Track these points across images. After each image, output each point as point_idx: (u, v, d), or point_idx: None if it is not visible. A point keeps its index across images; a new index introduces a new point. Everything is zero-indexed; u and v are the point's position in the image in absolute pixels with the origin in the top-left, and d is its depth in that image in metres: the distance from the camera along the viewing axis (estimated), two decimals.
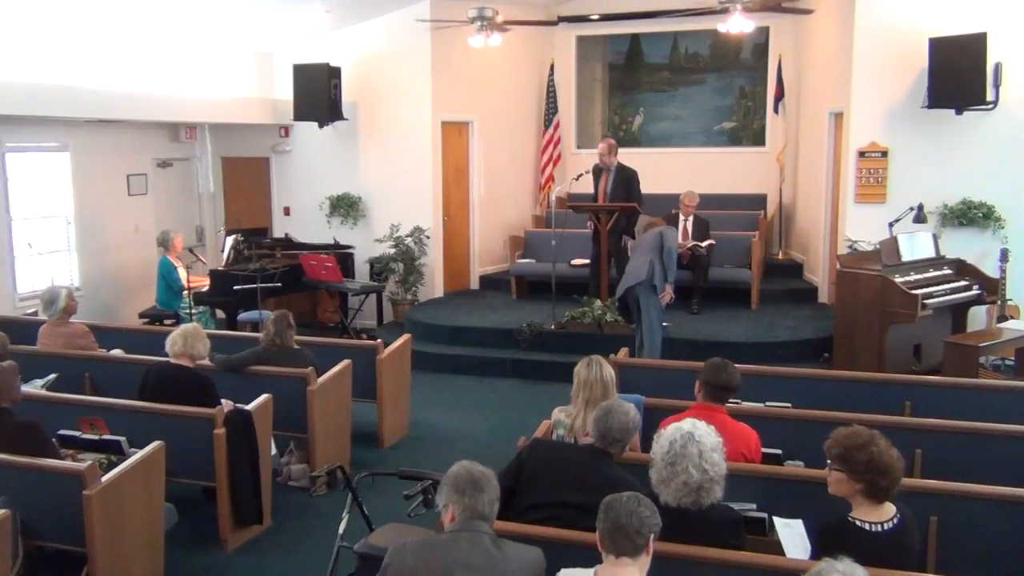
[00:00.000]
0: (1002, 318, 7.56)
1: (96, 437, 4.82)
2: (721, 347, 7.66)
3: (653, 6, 10.25)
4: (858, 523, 3.05)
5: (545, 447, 3.76)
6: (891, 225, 7.82)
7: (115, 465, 4.32)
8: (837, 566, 2.41)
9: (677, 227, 9.31)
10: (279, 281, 8.76)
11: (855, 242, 8.32)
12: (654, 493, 3.19)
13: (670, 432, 3.25)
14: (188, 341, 5.23)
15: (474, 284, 10.91)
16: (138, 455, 4.35)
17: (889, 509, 3.07)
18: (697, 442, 3.12)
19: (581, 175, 9.36)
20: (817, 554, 3.01)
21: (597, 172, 8.91)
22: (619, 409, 3.51)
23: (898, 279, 7.06)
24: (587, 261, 9.46)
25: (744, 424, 4.11)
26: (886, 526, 3.03)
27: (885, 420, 4.47)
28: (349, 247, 10.06)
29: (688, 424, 3.27)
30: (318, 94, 9.67)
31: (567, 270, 9.53)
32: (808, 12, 9.24)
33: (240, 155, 10.88)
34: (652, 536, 2.68)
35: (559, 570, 2.86)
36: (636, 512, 2.66)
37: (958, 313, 7.60)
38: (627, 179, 8.76)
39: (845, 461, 3.09)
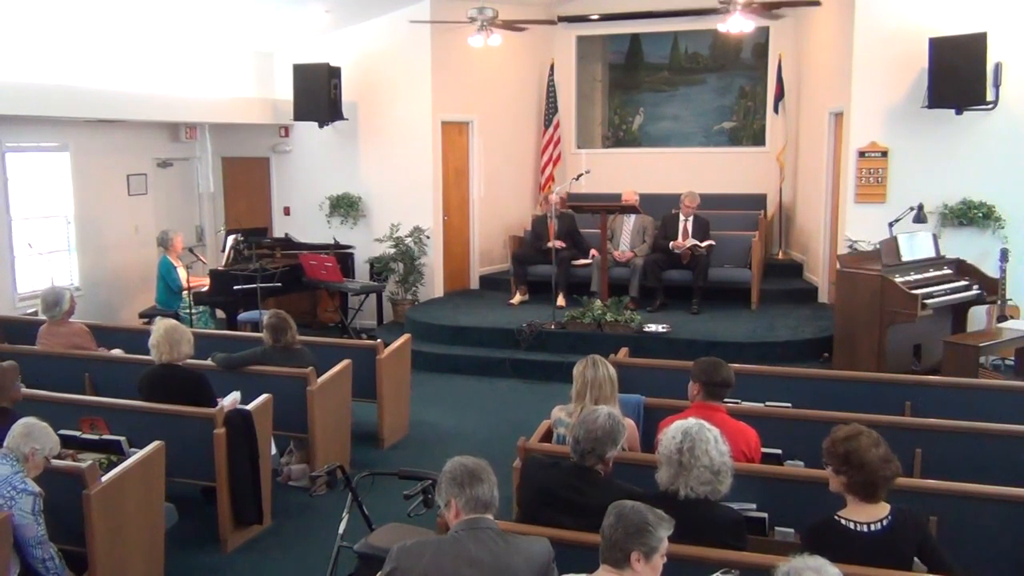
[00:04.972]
0: (1002, 318, 7.56)
1: (96, 437, 4.83)
2: (721, 347, 7.67)
3: (653, 6, 10.24)
4: (843, 522, 3.06)
5: (535, 474, 3.63)
6: (891, 225, 7.82)
7: (115, 465, 4.32)
8: (809, 563, 2.40)
9: (677, 227, 9.34)
10: (279, 281, 8.76)
11: (855, 242, 8.32)
12: (665, 492, 3.20)
13: (678, 425, 3.30)
14: (173, 347, 5.20)
15: (474, 284, 10.91)
16: (138, 455, 4.35)
17: (881, 510, 3.07)
18: (709, 429, 3.27)
19: (581, 175, 9.40)
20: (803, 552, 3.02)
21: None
22: (588, 418, 3.43)
23: (898, 279, 7.05)
24: (588, 261, 9.48)
25: (743, 423, 4.12)
26: (873, 527, 3.03)
27: (885, 420, 4.48)
28: (349, 247, 10.06)
29: (693, 420, 3.35)
30: (318, 94, 9.66)
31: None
32: (779, 17, 9.19)
33: (240, 155, 10.87)
34: (645, 551, 2.63)
35: (561, 573, 2.86)
36: (620, 526, 2.65)
37: (958, 313, 7.60)
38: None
39: (829, 455, 3.16)
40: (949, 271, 7.55)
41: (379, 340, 6.91)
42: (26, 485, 3.71)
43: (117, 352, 6.50)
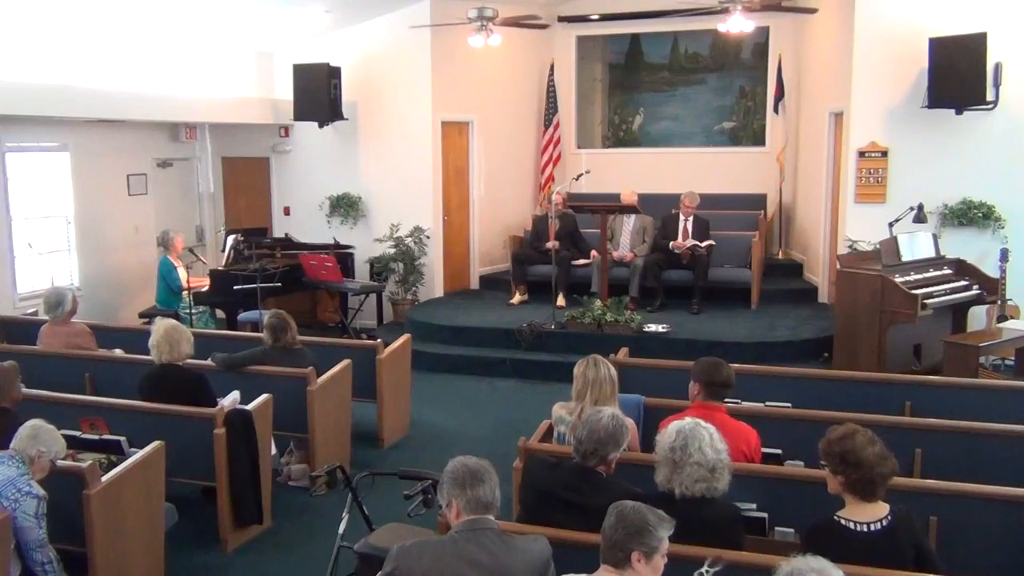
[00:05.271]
0: (1002, 318, 7.56)
1: (96, 437, 4.83)
2: (721, 347, 7.67)
3: (653, 6, 10.25)
4: (843, 522, 3.06)
5: (537, 474, 3.66)
6: (891, 225, 7.82)
7: (115, 465, 4.33)
8: (812, 564, 2.40)
9: (677, 227, 9.34)
10: (279, 281, 8.76)
11: (855, 242, 8.32)
12: (664, 493, 3.20)
13: (674, 425, 3.32)
14: (173, 347, 5.21)
15: (474, 284, 10.91)
16: (138, 455, 4.36)
17: (880, 509, 3.07)
18: (704, 427, 3.28)
19: (581, 175, 9.40)
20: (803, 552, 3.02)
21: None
22: (591, 419, 3.46)
23: (898, 279, 7.05)
24: (588, 261, 9.48)
25: (744, 423, 4.12)
26: (874, 527, 3.03)
27: (885, 420, 4.49)
28: (349, 247, 10.06)
29: (689, 419, 3.37)
30: (318, 94, 9.67)
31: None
32: (812, 11, 9.14)
33: (240, 155, 10.87)
34: (646, 552, 2.63)
35: (561, 573, 2.86)
36: (621, 526, 2.65)
37: (958, 313, 7.60)
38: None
39: (826, 455, 3.16)
40: (949, 271, 7.55)
41: (379, 340, 6.91)
42: (31, 488, 3.70)
43: (117, 352, 6.50)
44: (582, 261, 9.55)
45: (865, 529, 3.02)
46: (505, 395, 7.89)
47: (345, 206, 10.36)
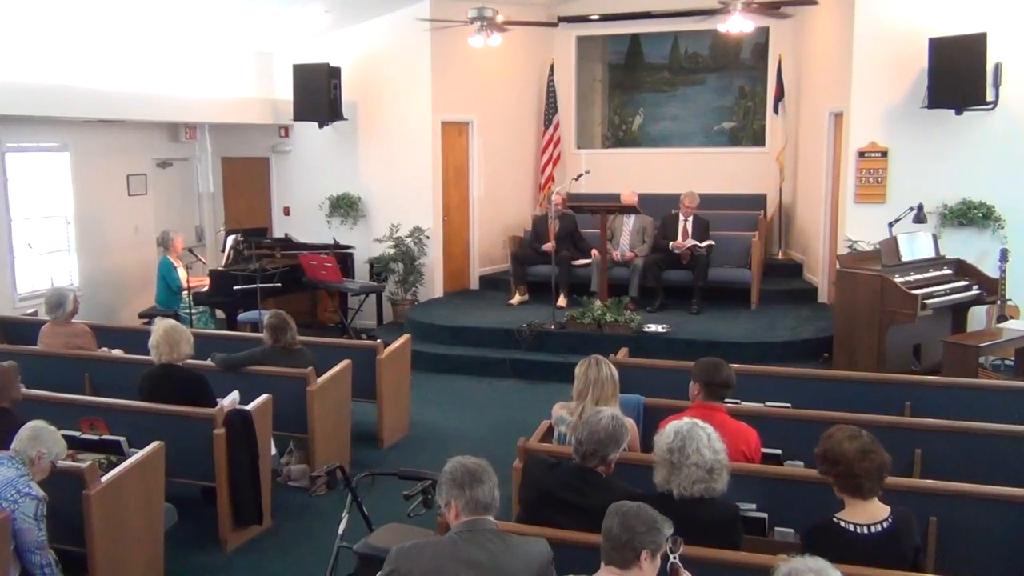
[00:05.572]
0: (1001, 318, 7.56)
1: (96, 437, 4.83)
2: (721, 347, 7.67)
3: (653, 6, 10.24)
4: (842, 524, 3.05)
5: (537, 475, 3.65)
6: (891, 225, 7.82)
7: (115, 465, 4.33)
8: (810, 564, 2.40)
9: (677, 227, 9.34)
10: (279, 281, 8.76)
11: (855, 242, 8.33)
12: (662, 493, 3.20)
13: (672, 426, 3.32)
14: (173, 347, 5.20)
15: (474, 284, 10.91)
16: (138, 455, 4.36)
17: (880, 511, 3.06)
18: (702, 428, 3.27)
19: (581, 175, 9.40)
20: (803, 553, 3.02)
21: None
22: (592, 420, 3.46)
23: (898, 279, 7.05)
24: (588, 261, 9.48)
25: (744, 423, 4.12)
26: (873, 529, 3.02)
27: (885, 420, 4.49)
28: (349, 247, 10.06)
29: (687, 419, 3.36)
30: (318, 94, 9.67)
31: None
32: (812, 2, 9.01)
33: (240, 155, 10.88)
34: (654, 549, 2.64)
35: (561, 574, 2.86)
36: (630, 525, 2.65)
37: (958, 313, 7.60)
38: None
39: (816, 459, 3.19)
40: (949, 271, 7.55)
41: (379, 340, 6.91)
42: (30, 489, 3.70)
43: (117, 352, 6.50)
44: (582, 261, 9.55)
45: (865, 531, 3.01)
46: (505, 395, 7.89)
47: (345, 206, 10.36)
